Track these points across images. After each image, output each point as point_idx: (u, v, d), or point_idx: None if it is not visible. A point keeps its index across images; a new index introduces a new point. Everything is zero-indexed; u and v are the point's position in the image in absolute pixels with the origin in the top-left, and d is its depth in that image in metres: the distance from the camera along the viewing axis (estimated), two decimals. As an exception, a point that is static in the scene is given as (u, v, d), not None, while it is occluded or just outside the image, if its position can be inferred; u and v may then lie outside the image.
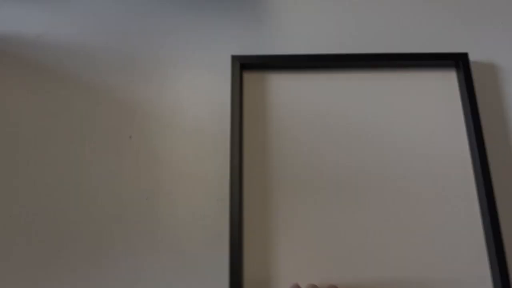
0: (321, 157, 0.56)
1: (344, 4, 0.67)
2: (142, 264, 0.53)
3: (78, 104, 0.62)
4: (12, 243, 0.55)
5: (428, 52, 0.58)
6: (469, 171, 0.55)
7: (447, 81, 0.57)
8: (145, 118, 0.61)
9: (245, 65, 0.61)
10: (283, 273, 0.52)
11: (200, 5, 0.69)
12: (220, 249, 0.53)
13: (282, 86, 0.60)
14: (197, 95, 0.62)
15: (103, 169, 0.58)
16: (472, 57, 0.58)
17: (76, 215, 0.56)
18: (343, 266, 0.52)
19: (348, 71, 0.60)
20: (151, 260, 0.53)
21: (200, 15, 0.68)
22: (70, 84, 0.63)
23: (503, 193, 0.54)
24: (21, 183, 0.58)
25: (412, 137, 0.56)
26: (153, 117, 0.61)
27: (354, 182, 0.56)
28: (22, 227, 0.55)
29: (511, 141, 0.56)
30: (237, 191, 0.53)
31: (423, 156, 0.56)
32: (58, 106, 0.62)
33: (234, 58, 0.60)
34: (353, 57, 0.59)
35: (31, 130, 0.60)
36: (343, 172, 0.56)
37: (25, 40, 0.67)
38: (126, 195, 0.56)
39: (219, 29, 0.66)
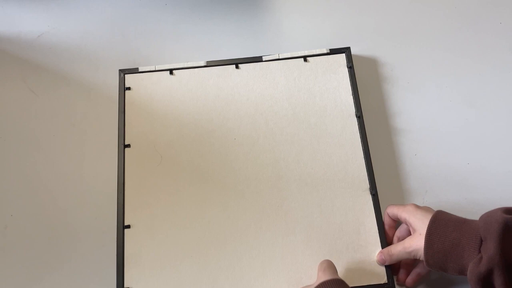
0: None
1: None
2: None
3: (78, 104, 0.62)
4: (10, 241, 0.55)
5: (320, 53, 0.63)
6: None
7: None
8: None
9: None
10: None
11: (203, 7, 0.69)
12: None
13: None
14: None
15: (103, 169, 0.58)
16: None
17: (77, 214, 0.56)
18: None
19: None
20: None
21: (202, 16, 0.68)
22: (70, 84, 0.63)
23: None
24: (20, 183, 0.58)
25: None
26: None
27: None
28: (21, 226, 0.56)
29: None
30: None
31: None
32: (58, 106, 0.62)
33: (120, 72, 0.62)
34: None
35: (31, 130, 0.61)
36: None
37: (25, 40, 0.67)
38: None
39: (220, 32, 0.67)
